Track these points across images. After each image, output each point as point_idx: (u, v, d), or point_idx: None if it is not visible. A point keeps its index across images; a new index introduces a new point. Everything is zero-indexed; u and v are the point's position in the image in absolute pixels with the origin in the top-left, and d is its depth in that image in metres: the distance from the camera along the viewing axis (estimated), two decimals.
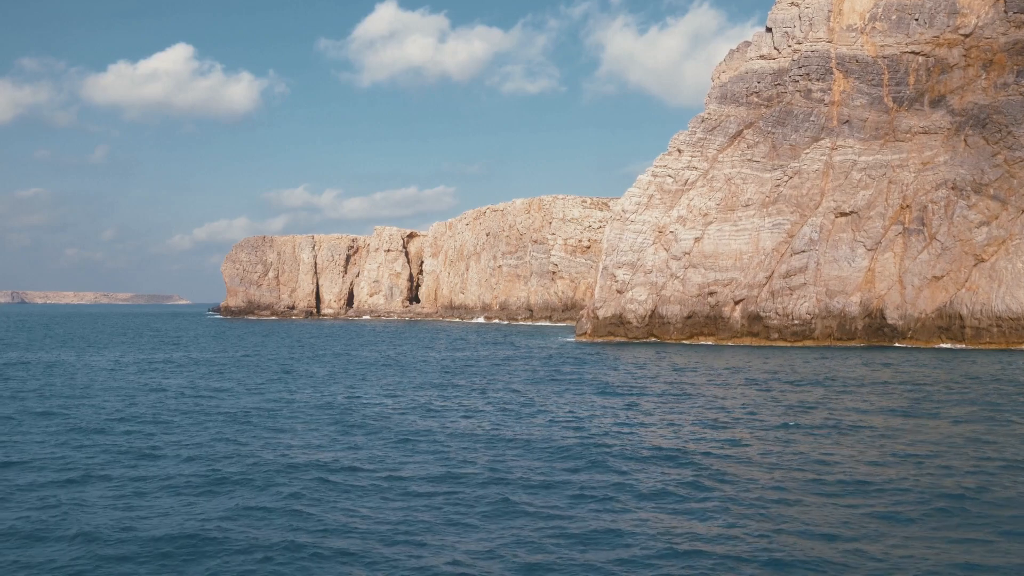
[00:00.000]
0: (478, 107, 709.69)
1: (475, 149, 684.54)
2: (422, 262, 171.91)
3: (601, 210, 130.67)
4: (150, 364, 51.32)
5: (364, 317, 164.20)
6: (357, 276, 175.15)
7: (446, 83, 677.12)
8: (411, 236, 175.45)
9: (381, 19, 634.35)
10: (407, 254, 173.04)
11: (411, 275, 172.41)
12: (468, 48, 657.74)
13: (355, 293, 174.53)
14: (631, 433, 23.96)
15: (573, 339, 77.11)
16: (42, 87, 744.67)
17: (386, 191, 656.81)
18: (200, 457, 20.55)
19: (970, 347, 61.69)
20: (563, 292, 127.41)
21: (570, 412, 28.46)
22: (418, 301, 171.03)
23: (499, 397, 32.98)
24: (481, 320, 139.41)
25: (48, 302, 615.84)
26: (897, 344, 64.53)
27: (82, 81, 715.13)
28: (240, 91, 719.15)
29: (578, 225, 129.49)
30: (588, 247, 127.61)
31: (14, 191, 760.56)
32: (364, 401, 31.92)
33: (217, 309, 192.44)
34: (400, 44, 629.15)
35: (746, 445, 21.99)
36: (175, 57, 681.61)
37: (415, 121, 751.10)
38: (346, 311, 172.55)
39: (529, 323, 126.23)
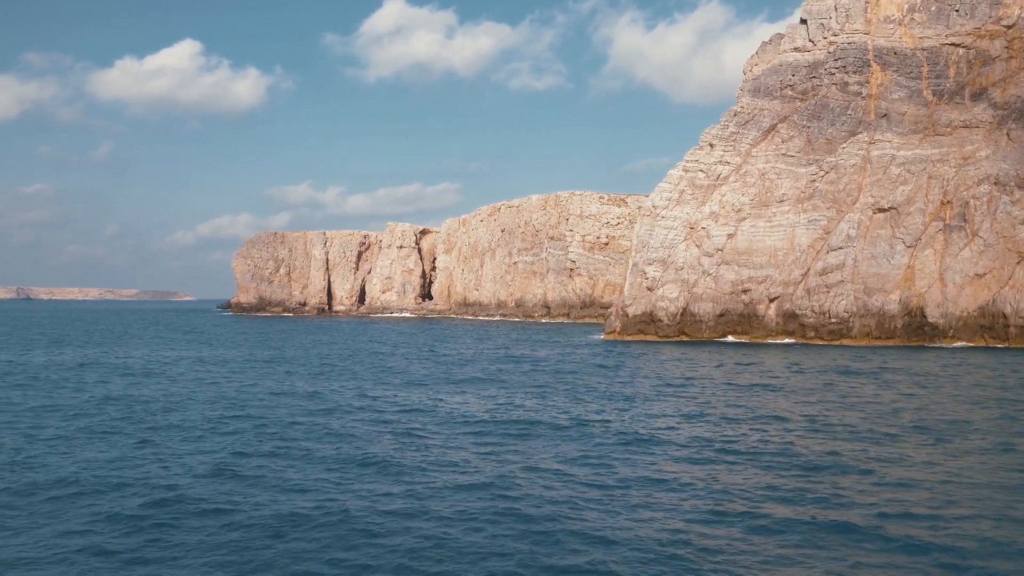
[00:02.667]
0: (483, 104, 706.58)
1: (479, 146, 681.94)
2: (435, 259, 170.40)
3: (619, 206, 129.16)
4: (240, 364, 49.93)
5: (381, 314, 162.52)
6: (369, 273, 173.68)
7: (452, 79, 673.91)
8: (424, 233, 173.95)
9: (388, 15, 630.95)
10: (420, 251, 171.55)
11: (424, 272, 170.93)
12: (475, 44, 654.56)
13: (367, 290, 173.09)
14: (728, 439, 22.47)
15: (601, 337, 75.63)
16: (47, 83, 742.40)
17: (389, 188, 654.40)
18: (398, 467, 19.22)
19: (1014, 346, 60.16)
20: (581, 289, 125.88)
21: (649, 418, 26.99)
22: (431, 298, 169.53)
23: (562, 403, 31.50)
24: (498, 318, 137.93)
25: (53, 298, 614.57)
26: (940, 344, 62.92)
27: (87, 77, 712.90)
28: (247, 87, 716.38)
29: (596, 221, 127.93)
30: (607, 244, 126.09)
31: (18, 187, 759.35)
32: (444, 406, 30.51)
33: (227, 305, 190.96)
34: (407, 40, 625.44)
35: (861, 454, 20.50)
36: (182, 53, 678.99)
37: (420, 118, 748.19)
38: (358, 308, 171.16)
39: (547, 320, 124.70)
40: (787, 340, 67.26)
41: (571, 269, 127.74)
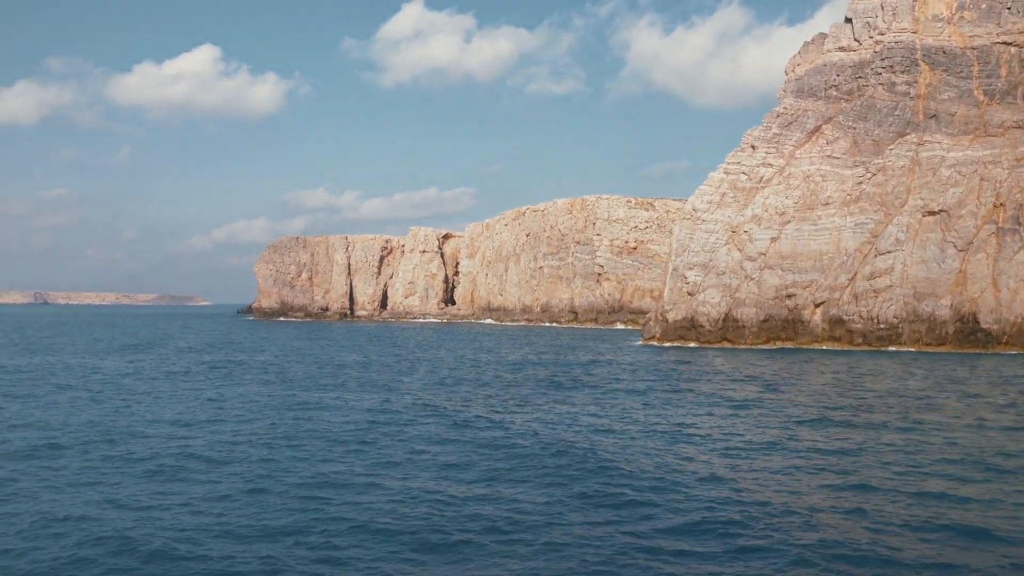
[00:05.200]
0: (501, 108, 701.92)
1: (496, 151, 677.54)
2: (457, 263, 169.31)
3: (647, 210, 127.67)
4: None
5: (404, 319, 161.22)
6: (391, 277, 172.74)
7: (470, 84, 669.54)
8: (446, 237, 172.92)
9: (407, 19, 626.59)
10: (442, 255, 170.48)
11: (446, 276, 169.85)
12: (493, 48, 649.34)
13: (389, 294, 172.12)
14: (851, 444, 21.05)
15: (639, 342, 74.14)
16: (67, 88, 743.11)
17: (406, 192, 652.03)
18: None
19: None
20: (609, 294, 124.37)
21: (767, 440, 25.59)
22: (453, 303, 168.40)
23: (641, 413, 30.13)
24: (523, 322, 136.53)
25: (70, 303, 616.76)
26: (994, 351, 61.04)
27: (107, 82, 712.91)
28: (265, 92, 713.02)
29: (624, 225, 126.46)
30: (635, 248, 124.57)
31: (38, 192, 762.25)
32: (520, 417, 29.22)
33: (248, 310, 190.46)
34: (425, 44, 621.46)
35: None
36: (201, 58, 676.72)
37: (437, 122, 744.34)
38: (380, 312, 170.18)
39: (574, 325, 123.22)
40: (832, 346, 65.56)
41: (599, 274, 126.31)
